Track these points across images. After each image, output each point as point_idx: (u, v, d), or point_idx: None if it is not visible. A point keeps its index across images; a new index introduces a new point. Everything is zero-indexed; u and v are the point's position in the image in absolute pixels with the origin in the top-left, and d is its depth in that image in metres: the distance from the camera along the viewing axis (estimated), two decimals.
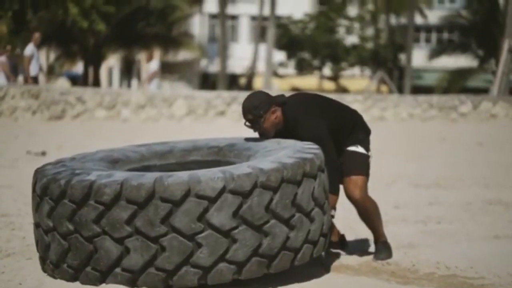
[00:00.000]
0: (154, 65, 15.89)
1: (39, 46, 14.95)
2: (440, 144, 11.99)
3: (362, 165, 4.16)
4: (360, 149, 4.17)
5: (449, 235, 5.15)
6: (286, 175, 3.45)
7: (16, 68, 15.99)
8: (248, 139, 4.05)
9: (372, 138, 4.39)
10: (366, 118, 16.28)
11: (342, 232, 4.67)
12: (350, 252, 4.49)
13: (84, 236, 3.30)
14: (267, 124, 3.95)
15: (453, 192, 7.22)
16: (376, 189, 7.24)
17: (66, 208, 3.35)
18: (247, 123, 3.97)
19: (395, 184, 7.75)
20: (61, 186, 3.36)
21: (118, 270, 3.27)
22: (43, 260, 3.55)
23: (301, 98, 4.17)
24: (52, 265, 3.45)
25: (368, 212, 4.23)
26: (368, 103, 15.20)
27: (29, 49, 14.34)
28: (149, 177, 3.29)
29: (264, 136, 4.02)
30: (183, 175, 3.30)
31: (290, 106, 4.02)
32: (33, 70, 14.36)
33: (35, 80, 14.37)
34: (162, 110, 14.18)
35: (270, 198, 3.39)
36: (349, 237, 4.89)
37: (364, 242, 4.81)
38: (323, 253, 4.15)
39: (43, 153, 9.13)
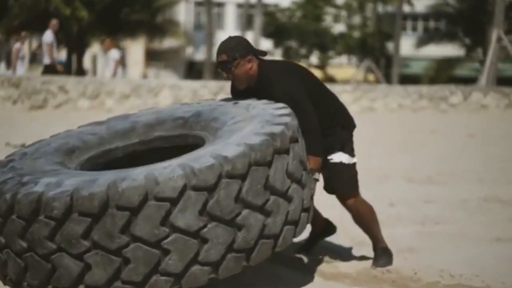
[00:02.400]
0: (114, 54, 15.25)
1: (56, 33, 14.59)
2: (431, 136, 11.81)
3: (351, 181, 3.87)
4: (345, 157, 3.84)
5: (449, 238, 4.93)
6: (254, 158, 3.13)
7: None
8: (214, 106, 3.71)
9: (362, 129, 4.09)
10: (355, 109, 16.15)
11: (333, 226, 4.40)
12: (347, 259, 4.25)
13: (39, 254, 3.01)
14: (239, 71, 3.63)
15: (448, 188, 7.03)
16: (369, 185, 7.04)
17: (15, 225, 3.05)
18: (220, 67, 3.65)
19: (387, 179, 7.55)
20: (7, 201, 3.05)
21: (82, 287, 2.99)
22: (3, 275, 3.25)
23: (282, 61, 3.91)
24: (12, 283, 3.16)
25: (363, 217, 3.97)
26: (358, 94, 14.98)
27: (49, 36, 14.02)
28: (101, 184, 2.98)
29: (235, 85, 3.71)
30: (138, 176, 2.99)
31: (268, 63, 3.72)
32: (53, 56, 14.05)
33: (50, 68, 14.02)
34: (148, 100, 13.86)
35: (239, 188, 3.09)
36: (345, 242, 4.66)
37: (361, 247, 4.56)
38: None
39: (23, 145, 8.82)
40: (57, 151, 3.53)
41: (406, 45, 31.15)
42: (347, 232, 4.85)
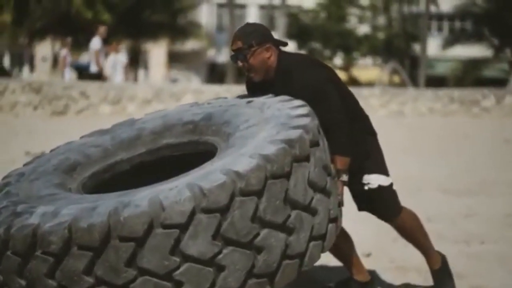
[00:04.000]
0: (122, 58, 15.11)
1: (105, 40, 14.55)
2: (464, 142, 11.38)
3: (394, 203, 3.49)
4: (382, 179, 3.43)
5: (498, 260, 4.54)
6: (271, 171, 2.77)
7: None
8: (226, 107, 3.31)
9: (391, 135, 3.68)
10: (383, 113, 15.77)
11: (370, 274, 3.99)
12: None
13: None
14: (256, 60, 3.23)
15: (489, 200, 6.63)
16: (402, 197, 6.65)
17: (12, 262, 2.74)
18: (233, 55, 3.25)
19: (422, 190, 7.16)
20: (0, 236, 2.75)
21: None
22: None
23: (305, 54, 3.53)
24: None
25: (412, 231, 3.58)
26: (386, 98, 14.56)
27: (97, 42, 14.00)
28: (101, 213, 2.66)
29: (249, 76, 3.30)
30: (141, 202, 2.66)
31: (288, 54, 3.35)
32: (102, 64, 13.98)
33: (97, 77, 13.93)
34: (170, 105, 13.56)
35: (255, 206, 2.74)
36: (383, 265, 4.27)
37: (405, 273, 4.17)
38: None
39: (43, 154, 8.68)
40: (57, 169, 3.21)
41: (432, 45, 30.66)
42: (384, 252, 4.47)
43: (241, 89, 14.41)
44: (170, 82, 28.67)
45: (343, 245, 3.58)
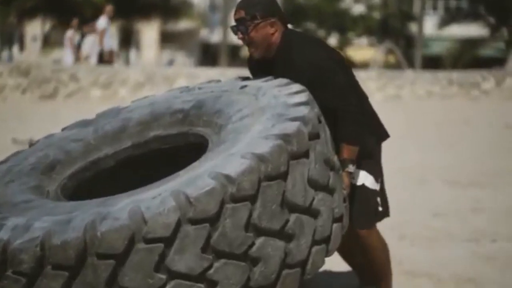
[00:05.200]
0: (101, 23, 14.54)
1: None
2: (465, 128, 11.14)
3: (373, 212, 3.13)
4: (369, 180, 3.10)
5: None
6: (265, 172, 2.48)
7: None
8: (218, 93, 3.02)
9: (389, 119, 3.38)
10: (380, 97, 15.51)
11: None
12: None
13: None
14: (257, 33, 2.96)
15: (496, 192, 6.40)
16: (405, 188, 6.44)
17: None
18: (234, 25, 2.98)
19: (425, 181, 6.93)
20: None
21: None
22: None
23: (309, 34, 3.24)
24: None
25: (376, 253, 3.17)
26: (383, 81, 14.27)
27: (103, 21, 13.73)
28: (76, 226, 2.38)
29: (249, 49, 3.01)
30: (121, 213, 2.38)
31: (294, 31, 3.08)
32: (106, 44, 13.68)
33: (111, 54, 13.67)
34: (163, 89, 13.23)
35: (249, 212, 2.46)
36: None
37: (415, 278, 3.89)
38: None
39: (31, 142, 8.43)
40: (34, 169, 2.93)
41: (427, 25, 30.33)
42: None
43: (236, 72, 14.09)
44: (165, 64, 28.30)
45: (355, 248, 3.25)
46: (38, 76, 12.85)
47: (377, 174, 3.14)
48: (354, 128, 2.95)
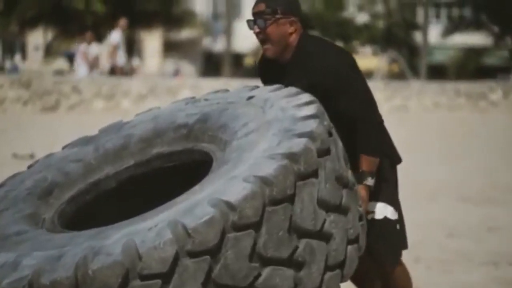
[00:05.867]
0: (93, 49, 14.40)
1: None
2: (474, 141, 11.02)
3: (398, 245, 2.93)
4: (390, 210, 2.89)
5: None
6: (270, 196, 2.31)
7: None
8: (224, 106, 2.84)
9: (396, 132, 3.17)
10: (387, 108, 15.34)
11: None
12: None
13: None
14: (275, 29, 2.82)
15: (510, 210, 6.25)
16: (415, 205, 6.26)
17: None
18: (251, 19, 2.83)
19: (436, 197, 6.79)
20: None
21: None
22: None
23: (326, 39, 3.04)
24: None
25: (397, 285, 2.97)
26: (389, 92, 14.15)
27: (116, 36, 13.56)
28: (66, 264, 2.23)
29: (263, 46, 2.86)
30: (114, 248, 2.23)
31: (312, 36, 2.93)
32: (120, 59, 13.54)
33: (122, 70, 13.54)
34: (166, 101, 13.11)
35: (253, 241, 2.29)
36: None
37: None
38: None
39: (32, 156, 8.28)
40: (30, 194, 2.76)
41: (430, 33, 30.32)
42: None
43: (239, 83, 13.96)
44: (171, 73, 28.20)
45: (371, 275, 3.04)
46: (39, 88, 12.75)
47: (396, 202, 2.95)
48: (375, 139, 2.79)
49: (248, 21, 2.82)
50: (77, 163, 2.91)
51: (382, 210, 2.89)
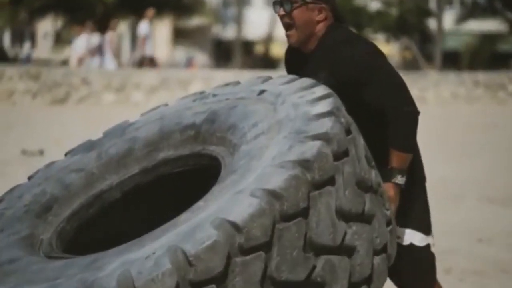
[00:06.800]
0: (93, 40, 14.22)
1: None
2: (495, 135, 10.73)
3: (430, 272, 2.69)
4: (418, 237, 2.64)
5: None
6: (281, 211, 2.06)
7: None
8: (233, 103, 2.61)
9: None
10: None
11: None
12: None
13: None
14: (301, 14, 2.59)
15: None
16: (441, 207, 6.00)
17: None
18: (278, 0, 2.61)
19: (461, 199, 6.52)
20: None
21: None
22: None
23: (354, 32, 2.81)
24: None
25: None
26: (406, 83, 13.81)
27: (144, 27, 13.57)
28: None
29: (286, 32, 2.64)
30: (108, 282, 1.98)
31: (340, 27, 2.65)
32: (148, 49, 13.45)
33: (152, 61, 13.42)
34: (178, 93, 12.84)
35: (264, 265, 2.05)
36: None
37: None
38: None
39: (41, 152, 8.16)
40: (28, 211, 2.53)
41: (444, 20, 30.03)
42: None
43: (251, 73, 13.69)
44: (184, 62, 28.00)
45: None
46: (48, 80, 12.54)
47: (425, 225, 2.66)
48: (408, 133, 2.51)
49: (274, 2, 2.59)
50: (78, 173, 2.68)
51: (409, 237, 2.63)
